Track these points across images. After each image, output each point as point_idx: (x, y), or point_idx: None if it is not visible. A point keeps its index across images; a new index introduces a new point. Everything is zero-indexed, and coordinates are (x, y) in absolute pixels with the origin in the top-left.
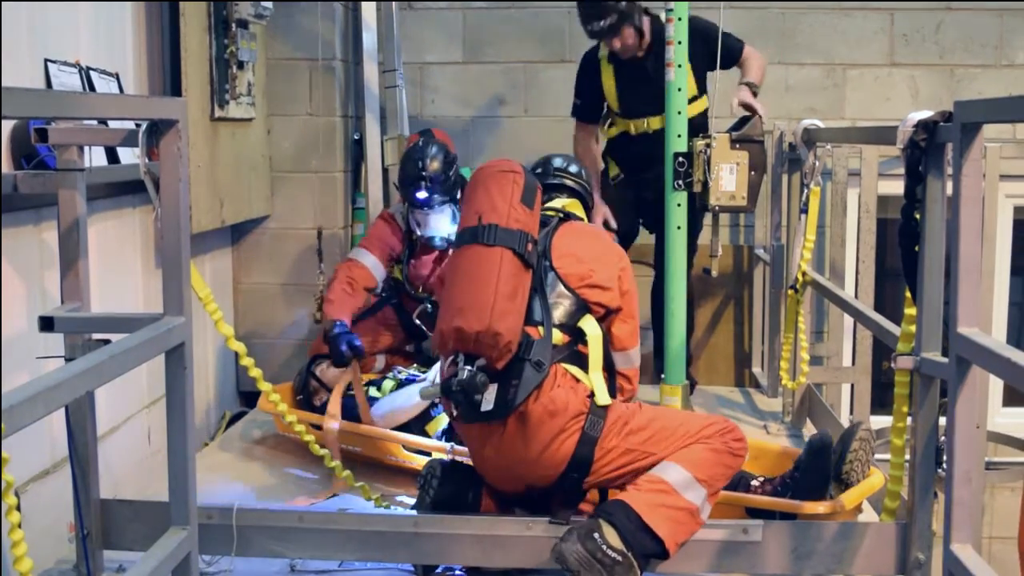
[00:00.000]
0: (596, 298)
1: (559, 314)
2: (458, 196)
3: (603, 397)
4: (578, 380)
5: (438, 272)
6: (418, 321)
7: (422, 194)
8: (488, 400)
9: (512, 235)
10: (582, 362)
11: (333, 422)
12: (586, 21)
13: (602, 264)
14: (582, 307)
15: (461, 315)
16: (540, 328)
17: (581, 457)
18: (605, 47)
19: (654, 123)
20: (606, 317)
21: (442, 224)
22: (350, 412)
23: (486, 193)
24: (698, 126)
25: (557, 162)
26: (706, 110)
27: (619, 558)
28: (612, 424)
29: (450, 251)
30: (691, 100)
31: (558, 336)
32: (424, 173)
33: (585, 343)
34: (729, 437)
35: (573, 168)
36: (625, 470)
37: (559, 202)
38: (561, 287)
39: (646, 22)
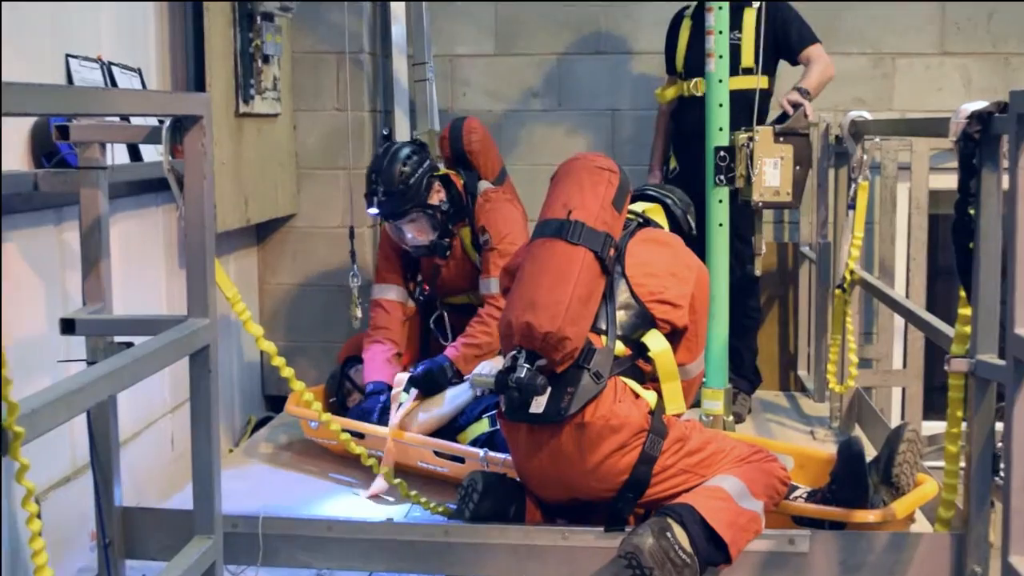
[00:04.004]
0: (664, 315)
1: (623, 325)
2: (432, 200)
3: (677, 405)
4: (638, 396)
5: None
6: (433, 327)
7: (372, 210)
8: (539, 403)
9: (597, 237)
10: (641, 377)
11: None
12: None
13: (677, 280)
14: (648, 321)
15: (533, 311)
16: (603, 338)
17: (639, 476)
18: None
19: (703, 85)
20: (672, 335)
21: (417, 233)
22: (372, 417)
23: (578, 187)
24: (751, 101)
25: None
26: (765, 91)
27: (688, 560)
28: (671, 443)
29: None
30: (746, 71)
31: (620, 348)
32: (375, 187)
33: (646, 358)
34: (776, 465)
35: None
36: (677, 489)
37: (640, 206)
38: (630, 297)
39: None
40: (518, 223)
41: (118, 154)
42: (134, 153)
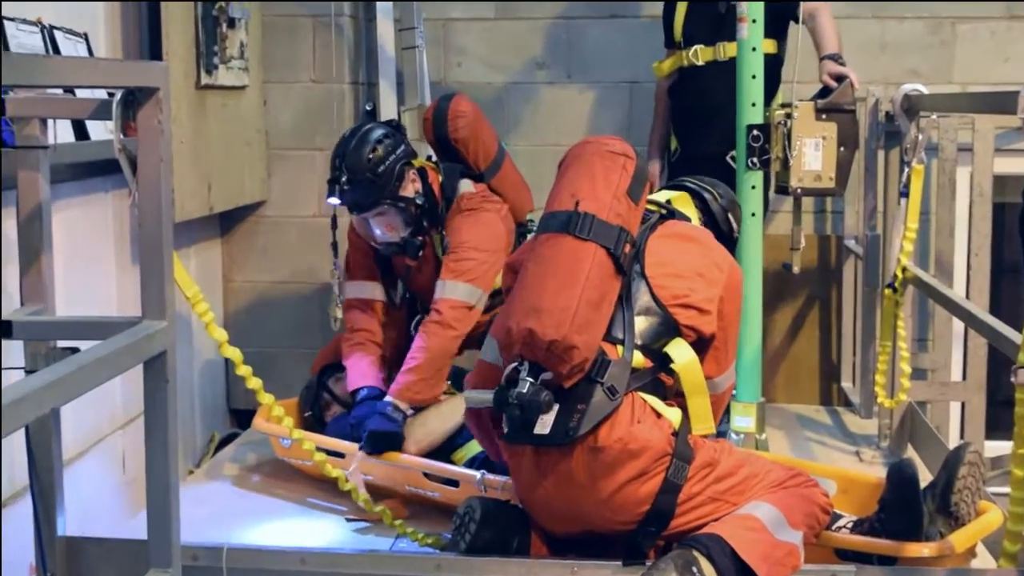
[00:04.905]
0: (689, 321)
1: (643, 333)
2: (405, 192)
3: (705, 425)
4: (659, 415)
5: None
6: (414, 331)
7: (334, 199)
8: (545, 422)
9: (610, 231)
10: (663, 392)
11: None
12: None
13: (704, 282)
14: (671, 328)
15: (536, 316)
16: (619, 348)
17: (662, 507)
18: None
19: (705, 54)
20: (697, 343)
21: (387, 229)
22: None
23: (589, 175)
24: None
25: None
26: (774, 56)
27: None
28: (697, 468)
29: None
30: None
31: (639, 359)
32: (338, 173)
33: (669, 371)
34: (817, 491)
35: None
36: (705, 520)
37: (664, 195)
38: (650, 301)
39: None
40: (485, 230)
41: (61, 132)
42: (80, 130)
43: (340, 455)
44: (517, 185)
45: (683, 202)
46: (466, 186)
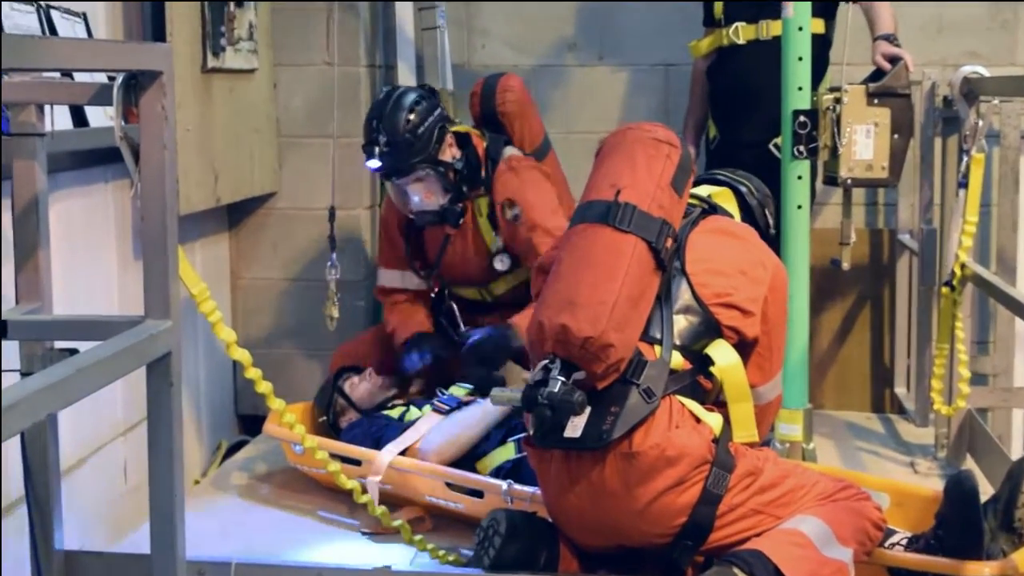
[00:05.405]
0: (731, 321)
1: (682, 333)
2: (443, 156)
3: (748, 432)
4: (698, 420)
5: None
6: (443, 321)
7: (373, 162)
8: (576, 425)
9: (651, 224)
10: (702, 397)
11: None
12: None
13: (748, 281)
14: (712, 328)
15: (571, 311)
16: (657, 348)
17: (700, 519)
18: None
19: (747, 32)
20: (739, 347)
21: (425, 195)
22: (369, 439)
23: (630, 163)
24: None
25: None
26: (822, 37)
27: None
28: (739, 478)
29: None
30: None
31: (678, 360)
32: (376, 136)
33: (708, 374)
34: (868, 505)
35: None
36: (746, 534)
37: (705, 189)
38: (691, 300)
39: None
40: (548, 193)
41: (59, 118)
42: (78, 117)
43: (356, 462)
44: (559, 182)
45: (725, 197)
46: (512, 151)
